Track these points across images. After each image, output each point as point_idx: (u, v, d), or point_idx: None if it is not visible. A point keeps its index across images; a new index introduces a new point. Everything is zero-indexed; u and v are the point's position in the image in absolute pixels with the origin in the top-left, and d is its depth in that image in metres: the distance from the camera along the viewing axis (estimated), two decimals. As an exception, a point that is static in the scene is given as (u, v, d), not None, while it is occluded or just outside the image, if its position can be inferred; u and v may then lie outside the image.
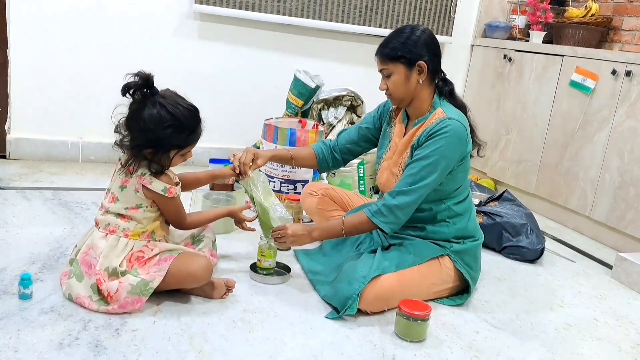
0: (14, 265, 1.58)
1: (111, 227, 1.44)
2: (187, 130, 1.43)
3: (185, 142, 1.45)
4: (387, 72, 1.58)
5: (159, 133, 1.39)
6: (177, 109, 1.40)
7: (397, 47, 1.54)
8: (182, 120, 1.41)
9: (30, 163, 2.60)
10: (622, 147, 2.35)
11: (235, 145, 2.89)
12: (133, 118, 1.40)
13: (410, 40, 1.55)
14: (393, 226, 1.56)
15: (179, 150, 1.45)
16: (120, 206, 1.45)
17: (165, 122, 1.38)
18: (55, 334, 1.27)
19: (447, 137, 1.51)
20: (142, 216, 1.46)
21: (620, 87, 2.36)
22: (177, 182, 1.50)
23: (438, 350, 1.41)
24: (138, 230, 1.46)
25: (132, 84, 1.37)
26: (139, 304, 1.38)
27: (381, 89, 1.62)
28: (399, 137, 1.68)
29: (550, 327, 1.62)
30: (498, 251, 2.15)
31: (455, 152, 1.54)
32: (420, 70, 1.56)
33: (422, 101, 1.60)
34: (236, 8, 2.72)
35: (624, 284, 2.01)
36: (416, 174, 1.52)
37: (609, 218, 2.40)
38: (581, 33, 2.88)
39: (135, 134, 1.41)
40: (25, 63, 2.55)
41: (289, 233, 1.60)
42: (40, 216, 1.97)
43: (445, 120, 1.53)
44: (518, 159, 2.90)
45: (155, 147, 1.41)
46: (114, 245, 1.43)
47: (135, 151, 1.42)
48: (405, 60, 1.54)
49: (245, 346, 1.32)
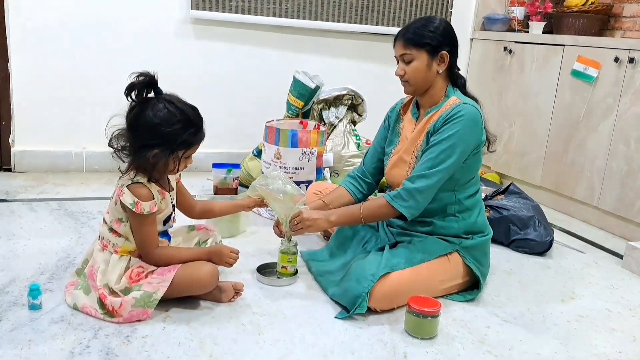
0: (23, 276, 1.58)
1: (105, 241, 1.43)
2: (194, 127, 1.39)
3: (192, 140, 1.40)
4: (408, 57, 1.57)
5: (167, 128, 1.34)
6: (184, 106, 1.39)
7: (423, 34, 1.55)
8: (190, 116, 1.38)
9: (35, 175, 2.61)
10: (628, 135, 2.33)
11: (238, 149, 2.89)
12: (138, 118, 1.35)
13: (435, 29, 1.56)
14: (413, 211, 1.55)
15: (185, 150, 1.40)
16: (109, 219, 1.43)
17: (174, 118, 1.35)
18: (66, 344, 1.27)
19: (464, 120, 1.52)
20: (125, 231, 1.41)
21: (623, 74, 2.34)
22: (156, 201, 1.38)
23: (449, 346, 1.40)
24: (127, 247, 1.42)
25: (137, 83, 1.34)
26: (145, 315, 1.38)
27: (398, 74, 1.61)
28: (409, 130, 1.68)
29: (562, 320, 1.60)
30: (506, 245, 2.14)
31: (472, 137, 1.54)
32: (441, 60, 1.57)
33: (437, 90, 1.61)
34: (232, 12, 2.73)
35: (636, 273, 1.99)
36: (435, 158, 1.52)
37: (617, 207, 2.38)
38: (581, 22, 2.86)
39: (141, 134, 1.35)
40: (26, 75, 2.56)
41: (305, 217, 1.58)
42: (47, 227, 1.98)
43: (460, 105, 1.55)
44: (522, 151, 2.88)
45: (163, 146, 1.35)
46: (108, 261, 1.41)
47: (141, 154, 1.35)
48: (429, 48, 1.55)
49: (256, 349, 1.32)
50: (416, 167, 1.57)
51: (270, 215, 2.26)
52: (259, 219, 2.25)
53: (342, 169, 2.57)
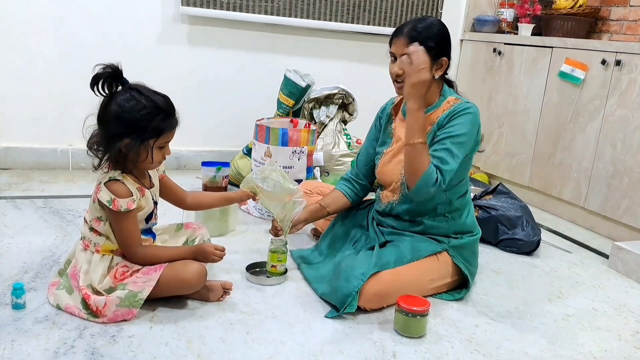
0: (6, 275, 1.55)
1: (86, 241, 1.41)
2: (162, 114, 1.34)
3: (163, 126, 1.34)
4: None
5: (134, 115, 1.31)
6: (152, 94, 1.35)
7: (430, 37, 1.52)
8: (158, 103, 1.34)
9: (20, 172, 2.57)
10: (614, 137, 2.36)
11: (227, 147, 2.87)
12: (105, 110, 1.33)
13: (438, 33, 1.54)
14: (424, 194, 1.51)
15: (156, 138, 1.35)
16: (89, 218, 1.40)
17: (140, 104, 1.32)
18: (50, 343, 1.25)
19: (471, 116, 1.53)
20: (105, 230, 1.39)
21: (610, 76, 2.37)
22: (135, 198, 1.35)
23: (438, 345, 1.40)
24: (108, 246, 1.40)
25: (101, 74, 1.31)
26: (131, 315, 1.35)
27: (394, 73, 1.56)
28: (401, 131, 1.67)
29: (549, 318, 1.61)
30: (494, 244, 2.15)
31: (476, 134, 1.56)
32: (439, 65, 1.56)
33: (431, 93, 1.59)
34: (223, 9, 2.71)
35: (621, 273, 2.01)
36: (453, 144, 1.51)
37: (604, 208, 2.40)
38: (570, 24, 2.89)
39: (109, 125, 1.32)
40: (11, 72, 2.52)
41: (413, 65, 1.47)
42: (32, 225, 1.95)
43: (464, 103, 1.56)
44: (511, 152, 2.90)
45: (132, 134, 1.31)
46: (90, 260, 1.39)
47: (112, 146, 1.32)
48: (433, 52, 1.53)
49: (244, 348, 1.31)
50: (434, 154, 1.52)
51: (260, 213, 2.25)
52: (248, 217, 2.24)
53: (332, 168, 2.57)
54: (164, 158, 1.43)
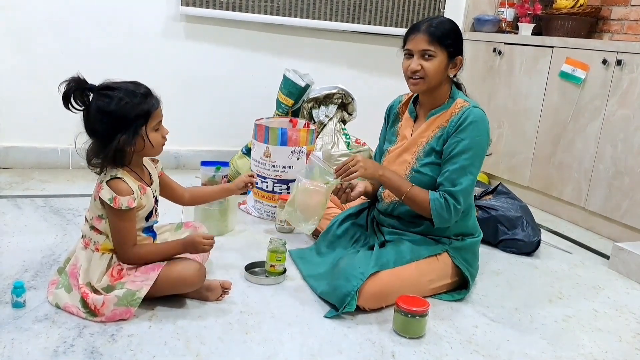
0: (7, 273, 1.55)
1: (86, 239, 1.42)
2: (138, 96, 1.34)
3: (145, 107, 1.34)
4: (431, 53, 1.53)
5: (116, 111, 1.31)
6: (120, 84, 1.36)
7: (450, 35, 1.54)
8: (130, 88, 1.35)
9: (20, 171, 2.57)
10: (615, 137, 2.35)
11: (227, 147, 2.87)
12: (89, 121, 1.35)
13: (458, 33, 1.58)
14: (445, 223, 1.55)
15: (146, 122, 1.35)
16: (89, 216, 1.41)
17: (116, 99, 1.32)
18: (50, 342, 1.25)
19: (479, 125, 1.54)
20: (105, 228, 1.39)
21: (611, 76, 2.36)
22: (136, 196, 1.36)
23: (437, 345, 1.40)
24: (108, 244, 1.40)
25: (68, 90, 1.32)
26: (129, 314, 1.36)
27: (413, 69, 1.55)
28: (407, 130, 1.68)
29: (549, 319, 1.61)
30: (494, 245, 2.15)
31: (486, 143, 1.57)
32: (454, 65, 1.58)
33: (443, 92, 1.61)
34: (222, 9, 2.71)
35: (622, 274, 2.01)
36: (463, 165, 1.53)
37: (604, 208, 2.40)
38: (570, 24, 2.88)
39: (98, 131, 1.34)
40: (12, 71, 2.52)
41: (359, 158, 1.56)
42: (32, 224, 1.95)
43: (470, 109, 1.55)
44: (511, 152, 2.90)
45: (123, 130, 1.32)
46: (89, 259, 1.39)
47: (109, 148, 1.33)
48: (452, 51, 1.55)
49: (243, 348, 1.31)
50: (445, 175, 1.54)
51: (259, 213, 2.25)
52: (247, 217, 2.24)
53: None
54: (164, 138, 1.43)
